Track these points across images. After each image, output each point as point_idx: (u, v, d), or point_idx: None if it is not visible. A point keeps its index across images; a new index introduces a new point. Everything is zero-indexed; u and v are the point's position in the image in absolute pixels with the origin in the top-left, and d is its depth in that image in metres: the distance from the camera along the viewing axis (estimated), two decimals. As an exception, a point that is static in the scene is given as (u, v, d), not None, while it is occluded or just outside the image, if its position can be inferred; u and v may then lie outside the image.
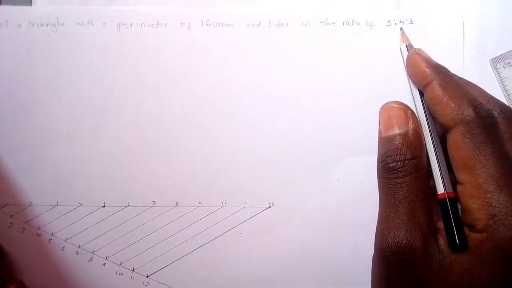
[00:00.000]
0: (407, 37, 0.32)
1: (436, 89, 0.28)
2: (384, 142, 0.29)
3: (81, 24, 0.33)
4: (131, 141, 0.33)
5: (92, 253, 0.33)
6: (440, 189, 0.27)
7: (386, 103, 0.31)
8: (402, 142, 0.28)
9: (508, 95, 0.33)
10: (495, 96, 0.29)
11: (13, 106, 0.33)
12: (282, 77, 0.33)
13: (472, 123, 0.26)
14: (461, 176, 0.26)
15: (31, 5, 0.33)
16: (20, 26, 0.33)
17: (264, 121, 0.33)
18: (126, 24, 0.33)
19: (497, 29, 0.33)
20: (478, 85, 0.30)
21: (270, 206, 0.33)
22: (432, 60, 0.30)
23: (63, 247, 0.32)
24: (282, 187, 0.33)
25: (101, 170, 0.33)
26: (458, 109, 0.26)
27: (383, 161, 0.28)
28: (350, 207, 0.32)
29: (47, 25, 0.33)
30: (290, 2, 0.34)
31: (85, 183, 0.32)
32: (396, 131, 0.28)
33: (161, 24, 0.33)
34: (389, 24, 0.33)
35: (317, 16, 0.33)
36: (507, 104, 0.32)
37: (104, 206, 0.33)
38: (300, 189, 0.33)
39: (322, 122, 0.33)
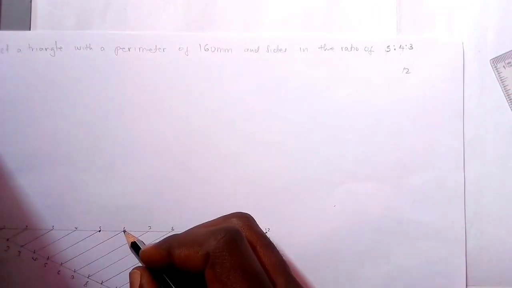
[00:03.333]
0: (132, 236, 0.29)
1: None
2: None
3: (79, 48, 0.33)
4: (127, 166, 0.33)
5: (88, 277, 0.32)
6: None
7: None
8: None
9: (508, 95, 0.32)
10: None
11: (10, 129, 0.33)
12: (280, 103, 0.33)
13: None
14: None
15: (30, 29, 0.33)
16: (20, 50, 0.33)
17: (261, 146, 0.33)
18: (124, 48, 0.33)
19: (497, 29, 0.33)
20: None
21: (266, 232, 0.32)
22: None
23: (59, 271, 0.32)
24: (278, 213, 0.32)
25: (97, 194, 0.32)
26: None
27: None
28: (346, 234, 0.32)
29: (45, 49, 0.33)
30: (288, 27, 0.33)
31: (81, 207, 0.32)
32: None
33: (159, 48, 0.33)
34: (388, 49, 0.33)
35: (315, 41, 0.33)
36: (506, 103, 0.32)
37: (100, 231, 0.32)
38: (296, 215, 0.32)
39: (319, 148, 0.33)
